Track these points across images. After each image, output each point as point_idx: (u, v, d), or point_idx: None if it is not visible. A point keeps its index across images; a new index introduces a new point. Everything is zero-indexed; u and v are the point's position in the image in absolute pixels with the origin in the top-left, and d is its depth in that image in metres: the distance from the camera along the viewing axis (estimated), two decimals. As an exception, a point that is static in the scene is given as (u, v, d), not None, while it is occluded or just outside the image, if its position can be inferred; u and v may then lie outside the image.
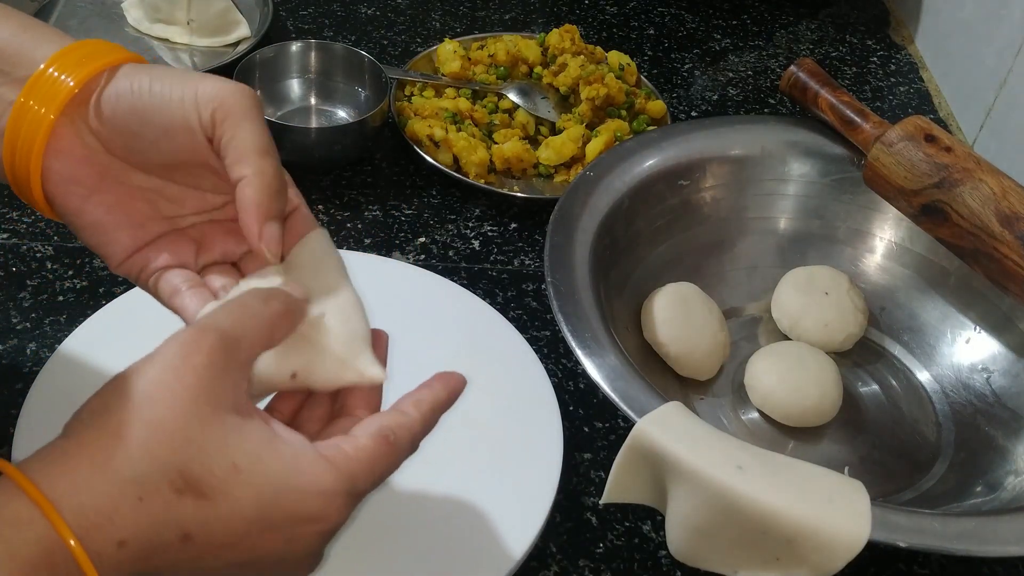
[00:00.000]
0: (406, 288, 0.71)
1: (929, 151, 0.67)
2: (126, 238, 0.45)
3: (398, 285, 0.71)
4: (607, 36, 1.04)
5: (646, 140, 0.74)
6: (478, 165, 0.81)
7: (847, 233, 0.76)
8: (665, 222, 0.73)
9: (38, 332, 0.67)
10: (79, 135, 0.44)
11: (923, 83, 1.03)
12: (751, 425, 0.67)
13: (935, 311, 0.73)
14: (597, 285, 0.63)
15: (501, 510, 0.58)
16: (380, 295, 0.70)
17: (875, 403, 0.70)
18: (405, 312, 0.69)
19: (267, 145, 0.43)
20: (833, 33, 1.09)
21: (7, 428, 0.59)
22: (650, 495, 0.55)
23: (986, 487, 0.62)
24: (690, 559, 0.55)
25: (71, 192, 0.44)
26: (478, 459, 0.60)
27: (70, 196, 0.44)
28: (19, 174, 0.44)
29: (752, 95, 0.98)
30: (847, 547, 0.50)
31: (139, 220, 0.45)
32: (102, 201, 0.45)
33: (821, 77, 0.75)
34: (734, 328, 0.72)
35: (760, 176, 0.76)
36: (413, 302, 0.70)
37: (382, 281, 0.71)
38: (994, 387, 0.68)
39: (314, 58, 0.87)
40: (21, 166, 0.43)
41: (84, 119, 0.43)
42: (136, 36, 0.94)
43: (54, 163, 0.43)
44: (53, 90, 0.42)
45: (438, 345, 0.67)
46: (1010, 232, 0.63)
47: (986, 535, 0.52)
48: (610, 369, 0.57)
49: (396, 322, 0.69)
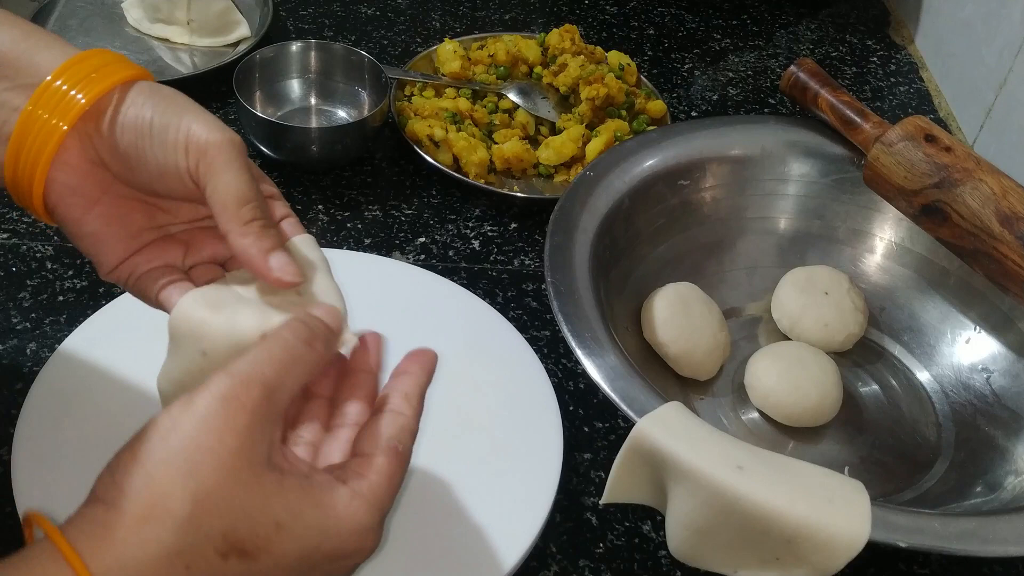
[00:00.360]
0: (406, 288, 0.71)
1: (929, 151, 0.67)
2: (120, 247, 0.46)
3: (398, 285, 0.71)
4: (607, 36, 1.04)
5: (646, 140, 0.74)
6: (478, 165, 0.81)
7: (847, 233, 0.76)
8: (665, 222, 0.73)
9: (38, 332, 0.67)
10: (84, 150, 0.44)
11: (923, 83, 1.03)
12: (751, 425, 0.67)
13: (935, 311, 0.73)
14: (597, 285, 0.63)
15: (501, 510, 0.58)
16: (380, 295, 0.70)
17: (875, 403, 0.70)
18: (405, 312, 0.69)
19: (246, 193, 0.43)
20: (833, 33, 1.09)
21: (7, 428, 0.59)
22: (650, 495, 0.55)
23: (986, 487, 0.62)
24: (690, 559, 0.55)
25: (72, 203, 0.45)
26: (478, 459, 0.60)
27: (72, 207, 0.45)
28: (21, 181, 0.44)
29: (752, 95, 0.98)
30: (847, 547, 0.50)
31: (134, 231, 0.46)
32: (101, 213, 0.45)
33: (821, 77, 0.75)
34: (734, 328, 0.73)
35: (760, 176, 0.76)
36: (413, 302, 0.70)
37: (382, 281, 0.71)
38: (994, 387, 0.68)
39: (314, 58, 0.87)
40: (24, 174, 0.44)
41: (91, 135, 0.44)
42: (136, 36, 0.94)
43: (59, 174, 0.44)
44: (64, 103, 0.43)
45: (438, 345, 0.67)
46: (1010, 232, 0.63)
47: (986, 535, 0.52)
48: (610, 369, 0.57)
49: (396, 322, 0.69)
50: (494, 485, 0.59)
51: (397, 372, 0.45)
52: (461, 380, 0.65)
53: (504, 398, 0.64)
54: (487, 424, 0.62)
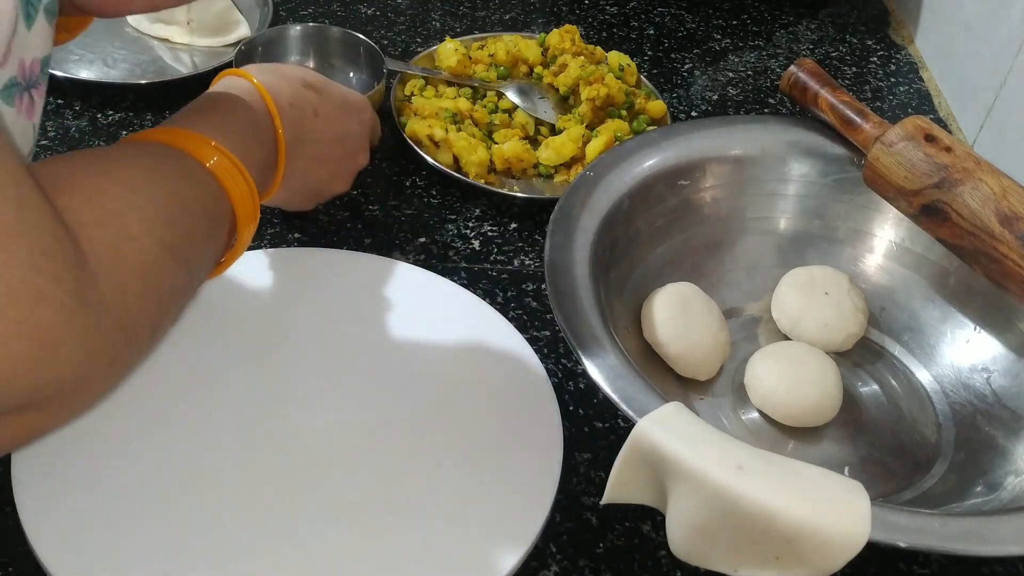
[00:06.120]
0: (406, 288, 0.71)
1: (929, 151, 0.67)
2: None
3: (398, 285, 0.71)
4: (607, 36, 1.04)
5: (646, 140, 0.74)
6: (478, 165, 0.81)
7: (847, 233, 0.76)
8: (665, 222, 0.73)
9: (38, 332, 0.67)
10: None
11: (923, 83, 1.03)
12: (751, 425, 0.67)
13: (935, 311, 0.73)
14: (597, 285, 0.63)
15: (501, 510, 0.58)
16: (380, 295, 0.70)
17: (875, 403, 0.70)
18: (405, 312, 0.69)
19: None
20: (833, 33, 1.09)
21: (7, 428, 0.59)
22: (650, 495, 0.55)
23: (986, 487, 0.62)
24: (690, 558, 0.55)
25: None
26: (478, 459, 0.60)
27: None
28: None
29: (752, 95, 0.98)
30: (847, 547, 0.50)
31: None
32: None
33: (821, 77, 0.75)
34: (734, 328, 0.72)
35: (760, 176, 0.76)
36: (413, 302, 0.70)
37: (382, 281, 0.71)
38: (994, 387, 0.68)
39: (313, 45, 0.89)
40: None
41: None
42: (136, 36, 0.94)
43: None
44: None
45: (438, 345, 0.67)
46: (1010, 232, 0.63)
47: (986, 535, 0.52)
48: (610, 369, 0.57)
49: (396, 322, 0.69)
50: (494, 485, 0.59)
51: None
52: (461, 380, 0.65)
53: (504, 398, 0.64)
54: (487, 424, 0.62)
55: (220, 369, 0.63)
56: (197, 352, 0.64)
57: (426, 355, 0.67)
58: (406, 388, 0.64)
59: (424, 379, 0.65)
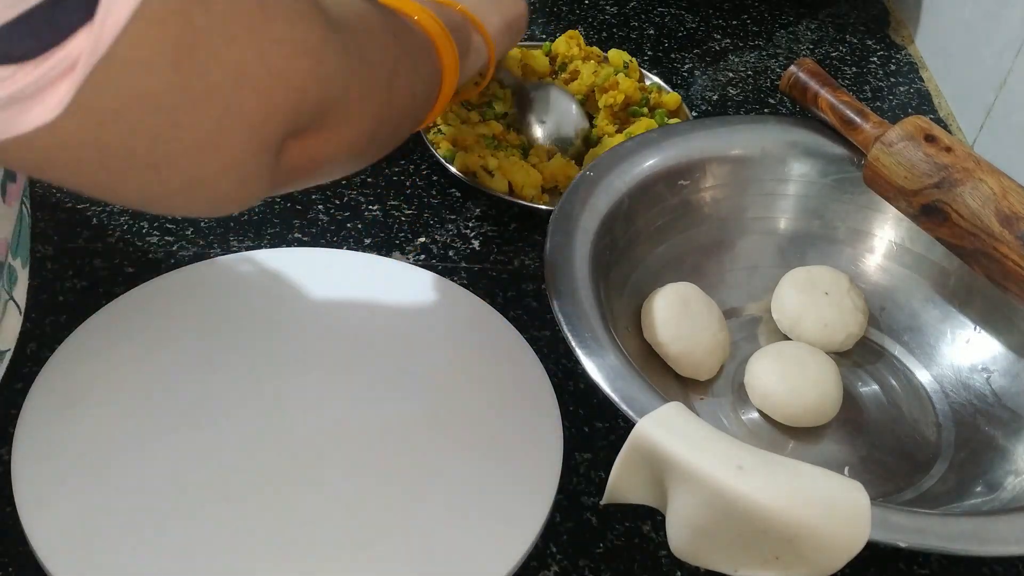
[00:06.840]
0: (406, 288, 0.71)
1: (929, 151, 0.67)
2: None
3: (398, 285, 0.71)
4: (607, 36, 1.04)
5: (646, 140, 0.74)
6: (533, 187, 0.79)
7: (847, 233, 0.76)
8: (665, 222, 0.73)
9: (38, 332, 0.67)
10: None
11: (923, 83, 1.03)
12: (751, 425, 0.67)
13: (935, 311, 0.73)
14: (597, 285, 0.63)
15: (501, 510, 0.58)
16: (380, 295, 0.70)
17: (875, 403, 0.70)
18: (405, 312, 0.69)
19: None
20: (833, 33, 1.09)
21: (7, 428, 0.59)
22: (650, 495, 0.55)
23: (986, 487, 0.62)
24: (691, 557, 0.55)
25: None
26: (478, 459, 0.60)
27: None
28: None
29: (752, 95, 0.98)
30: (847, 547, 0.50)
31: None
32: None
33: (821, 77, 0.75)
34: (734, 328, 0.73)
35: (760, 176, 0.76)
36: (413, 302, 0.70)
37: (382, 281, 0.71)
38: (994, 387, 0.68)
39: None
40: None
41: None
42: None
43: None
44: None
45: (438, 345, 0.67)
46: (1010, 232, 0.63)
47: (986, 535, 0.52)
48: (610, 369, 0.57)
49: (396, 322, 0.69)
50: (494, 485, 0.59)
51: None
52: (461, 380, 0.65)
53: (504, 398, 0.64)
54: (487, 424, 0.62)
55: (220, 369, 0.63)
56: (197, 352, 0.64)
57: (426, 355, 0.67)
58: (406, 388, 0.64)
59: (424, 379, 0.65)
